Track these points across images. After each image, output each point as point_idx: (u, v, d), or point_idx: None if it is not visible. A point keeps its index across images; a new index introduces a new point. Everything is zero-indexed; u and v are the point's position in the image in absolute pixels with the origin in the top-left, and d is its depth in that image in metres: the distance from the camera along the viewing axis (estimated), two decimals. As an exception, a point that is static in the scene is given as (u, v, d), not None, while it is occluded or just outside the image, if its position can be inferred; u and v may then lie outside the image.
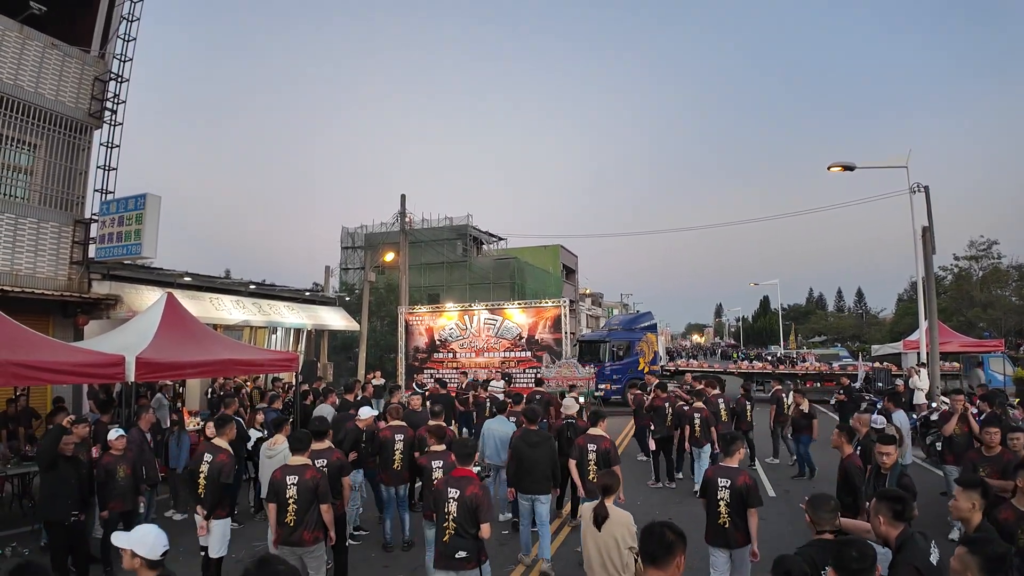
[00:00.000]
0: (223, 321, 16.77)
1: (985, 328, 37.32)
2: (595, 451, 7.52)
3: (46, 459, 7.13)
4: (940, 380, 16.47)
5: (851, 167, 16.40)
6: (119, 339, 9.80)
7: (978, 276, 43.08)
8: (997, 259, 42.56)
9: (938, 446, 12.77)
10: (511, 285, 38.63)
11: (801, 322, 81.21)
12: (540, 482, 7.59)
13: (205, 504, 6.48)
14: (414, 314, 22.83)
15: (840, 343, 61.73)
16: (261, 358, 11.43)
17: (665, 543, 2.99)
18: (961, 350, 23.58)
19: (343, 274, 40.98)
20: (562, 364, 18.64)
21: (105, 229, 13.86)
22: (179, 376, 11.13)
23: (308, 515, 5.70)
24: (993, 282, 41.39)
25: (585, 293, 64.09)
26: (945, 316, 32.95)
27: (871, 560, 3.05)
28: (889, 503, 3.95)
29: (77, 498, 7.16)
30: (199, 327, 11.04)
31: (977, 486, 4.36)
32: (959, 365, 22.78)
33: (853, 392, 16.33)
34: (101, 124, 14.43)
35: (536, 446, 7.70)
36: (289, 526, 5.70)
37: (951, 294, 42.56)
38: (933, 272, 17.38)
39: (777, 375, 24.51)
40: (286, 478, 5.77)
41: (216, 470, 6.48)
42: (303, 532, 5.69)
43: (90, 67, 14.27)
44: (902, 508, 3.91)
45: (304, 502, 5.68)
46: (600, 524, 4.97)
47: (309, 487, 5.71)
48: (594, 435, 7.73)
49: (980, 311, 39.39)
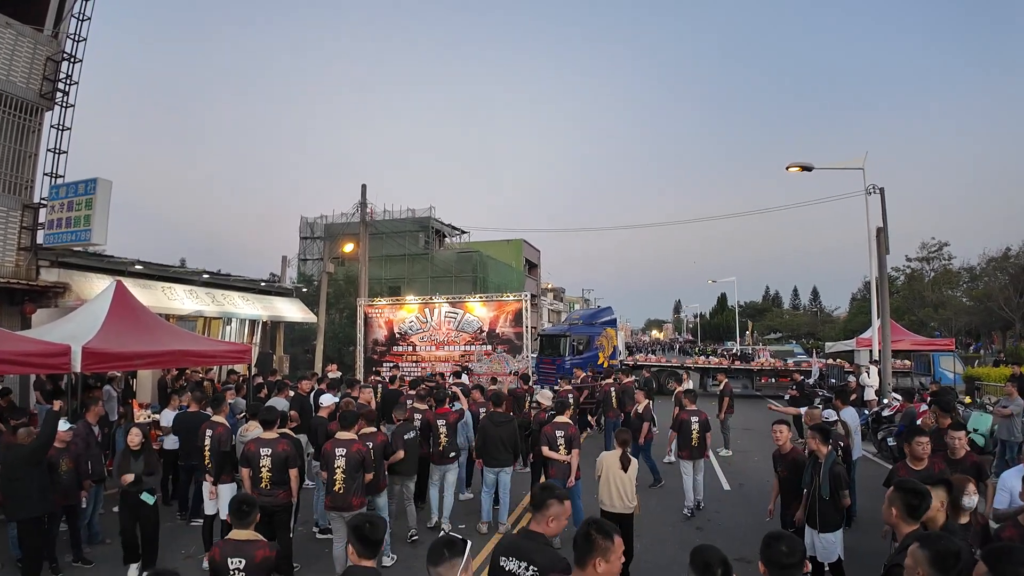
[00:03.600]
0: (176, 311, 16.42)
1: (936, 328, 38.40)
2: (563, 436, 8.13)
3: (42, 453, 6.86)
4: (891, 377, 16.88)
5: (809, 167, 16.68)
6: (66, 328, 9.51)
7: (929, 277, 44.30)
8: (948, 260, 43.81)
9: (889, 441, 13.15)
10: (473, 279, 38.54)
11: (757, 319, 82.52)
12: (504, 456, 8.73)
13: (211, 472, 7.47)
14: (374, 306, 22.60)
15: (795, 340, 63.00)
16: (214, 349, 11.22)
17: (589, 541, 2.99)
18: (913, 348, 24.20)
19: (301, 265, 40.41)
20: (493, 359, 18.59)
21: (54, 214, 13.48)
22: (128, 367, 10.82)
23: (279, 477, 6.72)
24: (944, 283, 42.58)
25: (547, 288, 64.32)
26: (897, 315, 33.81)
27: (800, 555, 3.04)
28: (906, 496, 3.87)
29: (48, 492, 6.90)
30: (149, 317, 10.79)
31: (941, 484, 4.43)
32: (910, 363, 23.36)
33: (805, 388, 16.65)
34: (52, 105, 14.02)
35: (500, 425, 8.78)
36: (264, 489, 6.66)
37: (903, 294, 43.76)
38: (887, 272, 17.79)
39: (732, 370, 24.95)
40: (259, 449, 6.72)
41: (216, 441, 7.51)
42: (278, 492, 6.71)
43: (43, 47, 13.83)
44: (918, 504, 3.85)
45: (277, 469, 6.68)
46: (626, 467, 6.93)
47: (280, 456, 6.70)
48: (561, 423, 8.32)
49: (931, 311, 40.51)
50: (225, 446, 7.56)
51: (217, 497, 7.46)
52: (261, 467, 6.66)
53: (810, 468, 6.41)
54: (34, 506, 6.64)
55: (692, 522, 9.20)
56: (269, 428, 6.95)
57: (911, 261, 45.59)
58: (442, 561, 2.86)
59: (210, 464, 7.53)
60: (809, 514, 6.26)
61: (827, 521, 6.10)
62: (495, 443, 8.72)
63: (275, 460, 6.67)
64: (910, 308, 41.40)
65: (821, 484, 6.13)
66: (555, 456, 8.06)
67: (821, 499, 6.11)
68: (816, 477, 6.23)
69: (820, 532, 6.10)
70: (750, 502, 10.09)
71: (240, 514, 4.60)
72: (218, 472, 7.49)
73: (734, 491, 11.13)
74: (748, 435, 15.06)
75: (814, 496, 6.20)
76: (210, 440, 7.56)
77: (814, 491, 6.21)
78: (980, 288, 39.80)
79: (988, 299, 36.78)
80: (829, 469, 6.15)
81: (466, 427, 9.86)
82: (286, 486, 6.72)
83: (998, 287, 36.96)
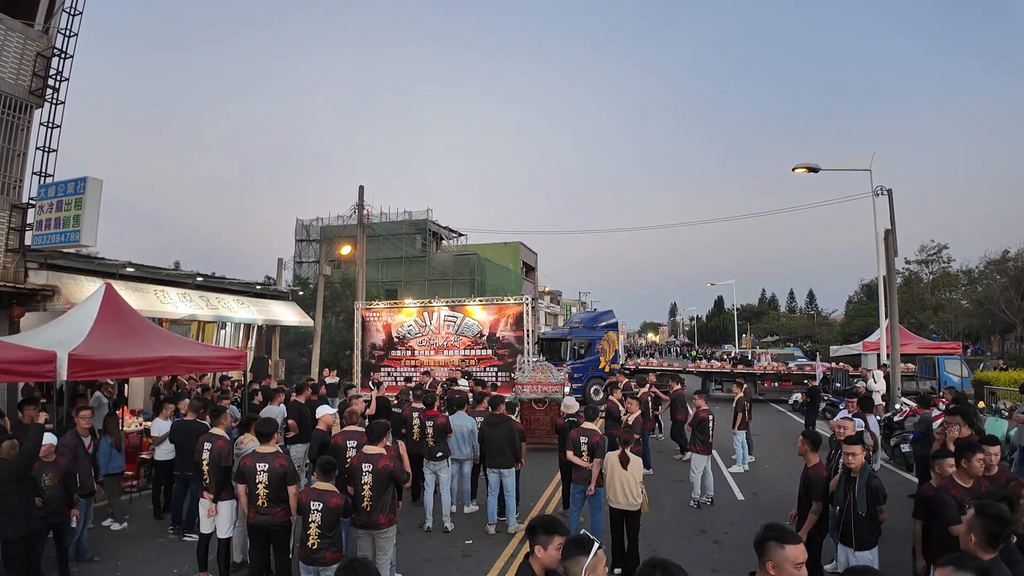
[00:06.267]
0: (168, 315, 16.02)
1: (934, 330, 38.17)
2: (587, 443, 8.01)
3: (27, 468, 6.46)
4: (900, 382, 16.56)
5: (816, 169, 16.32)
6: (52, 334, 9.09)
7: (928, 280, 44.13)
8: (947, 263, 43.63)
9: (903, 448, 12.82)
10: (471, 281, 38.19)
11: (754, 322, 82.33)
12: (504, 456, 8.86)
13: (210, 488, 7.11)
14: (371, 310, 22.19)
15: (792, 343, 62.69)
16: (207, 355, 10.76)
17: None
18: (919, 352, 23.88)
19: (297, 267, 39.86)
20: (535, 367, 16.94)
21: (43, 215, 13.04)
22: (117, 375, 10.31)
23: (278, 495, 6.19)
24: (944, 285, 42.40)
25: (544, 291, 63.92)
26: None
27: None
28: (987, 522, 3.50)
29: (35, 510, 6.53)
30: (140, 321, 10.36)
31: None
32: (914, 367, 23.03)
33: (816, 393, 16.32)
34: (42, 102, 13.58)
35: (497, 426, 8.97)
36: (260, 507, 6.17)
37: (902, 296, 43.56)
38: (895, 274, 17.46)
39: (736, 375, 24.57)
40: (255, 464, 6.23)
41: (216, 455, 7.11)
42: (276, 510, 6.20)
43: (33, 42, 13.39)
44: (1000, 532, 3.48)
45: (274, 487, 6.16)
46: (626, 465, 7.19)
47: (278, 473, 6.18)
48: (587, 429, 8.22)
49: (931, 313, 40.31)
50: (225, 461, 7.12)
51: (216, 514, 7.05)
52: (257, 483, 6.16)
53: (843, 483, 6.02)
54: (20, 524, 6.20)
55: (709, 535, 8.84)
56: (266, 441, 6.46)
57: (910, 264, 45.41)
58: (568, 557, 3.08)
59: (208, 479, 7.14)
60: (843, 532, 5.90)
61: (863, 538, 5.74)
62: (494, 444, 8.91)
63: (272, 476, 6.16)
64: (909, 311, 41.21)
65: (857, 499, 5.76)
66: (578, 461, 8.01)
67: (857, 515, 5.75)
68: (850, 492, 5.85)
69: (856, 550, 5.75)
70: (767, 514, 9.69)
71: (324, 471, 5.83)
72: (218, 488, 7.05)
73: (748, 500, 10.77)
74: (757, 441, 14.65)
75: (848, 512, 5.83)
76: (208, 454, 7.17)
77: (848, 507, 5.84)
78: (979, 291, 39.62)
79: (988, 302, 36.56)
80: (866, 483, 5.78)
81: (472, 436, 9.58)
82: (284, 504, 6.21)
83: (998, 289, 36.75)
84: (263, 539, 6.29)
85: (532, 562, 3.45)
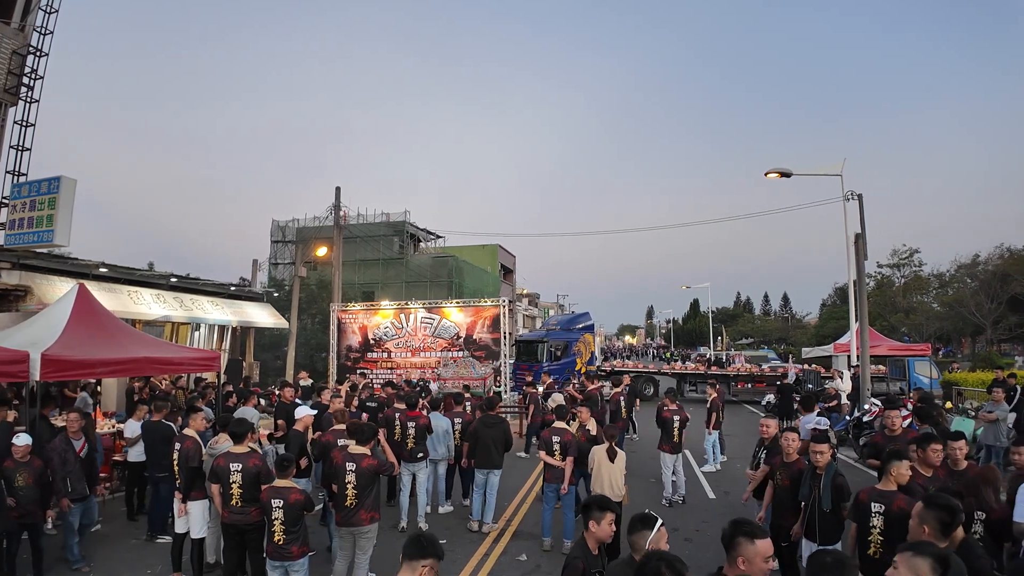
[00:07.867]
0: (142, 316, 15.89)
1: (906, 333, 38.80)
2: (559, 442, 8.27)
3: None
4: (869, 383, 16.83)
5: (788, 174, 16.51)
6: (25, 334, 9.03)
7: (900, 283, 44.83)
8: (919, 267, 44.36)
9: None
10: (449, 284, 38.21)
11: (729, 324, 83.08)
12: (493, 457, 9.00)
13: (180, 488, 7.10)
14: (347, 312, 22.17)
15: (767, 345, 63.38)
16: (181, 356, 10.72)
17: None
18: (890, 353, 24.30)
19: (272, 269, 39.63)
20: (460, 363, 18.02)
21: (16, 214, 12.94)
22: (90, 375, 10.27)
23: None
24: (915, 289, 43.10)
25: (522, 293, 64.02)
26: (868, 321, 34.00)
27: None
28: (938, 513, 3.64)
29: (5, 510, 6.60)
30: (114, 322, 10.30)
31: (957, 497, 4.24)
32: (885, 368, 23.40)
33: (787, 390, 16.55)
34: (16, 101, 13.47)
35: (492, 427, 9.12)
36: (234, 507, 6.25)
37: (874, 299, 44.20)
38: (865, 277, 17.76)
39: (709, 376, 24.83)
40: (229, 464, 6.28)
41: (184, 456, 7.07)
42: (250, 509, 6.24)
43: (8, 40, 13.29)
44: (951, 521, 3.63)
45: (248, 486, 6.21)
46: (613, 458, 7.57)
47: (251, 472, 6.25)
48: (558, 428, 8.48)
49: (903, 316, 40.95)
50: (193, 461, 7.07)
51: (187, 514, 7.05)
52: (231, 483, 6.21)
53: (808, 479, 6.17)
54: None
55: (680, 533, 8.97)
56: (240, 441, 6.51)
57: (882, 267, 46.12)
58: (634, 531, 3.52)
59: (180, 480, 7.15)
60: (808, 527, 6.05)
61: (827, 534, 5.89)
62: (487, 445, 9.00)
63: (246, 476, 6.22)
64: (881, 314, 41.83)
65: (822, 496, 5.91)
66: (551, 461, 8.24)
67: (821, 512, 5.90)
68: (816, 489, 6.01)
69: (820, 545, 5.88)
70: (738, 512, 9.83)
71: (280, 467, 5.93)
72: (187, 488, 7.04)
73: (719, 499, 10.93)
74: (729, 441, 14.85)
75: (813, 508, 5.98)
76: (178, 454, 7.18)
77: (813, 503, 6.00)
78: (950, 294, 40.33)
79: (959, 305, 37.22)
80: (832, 480, 5.93)
81: (447, 436, 9.76)
82: (258, 503, 6.20)
83: (969, 293, 37.43)
84: (237, 539, 6.34)
85: (587, 537, 3.96)
